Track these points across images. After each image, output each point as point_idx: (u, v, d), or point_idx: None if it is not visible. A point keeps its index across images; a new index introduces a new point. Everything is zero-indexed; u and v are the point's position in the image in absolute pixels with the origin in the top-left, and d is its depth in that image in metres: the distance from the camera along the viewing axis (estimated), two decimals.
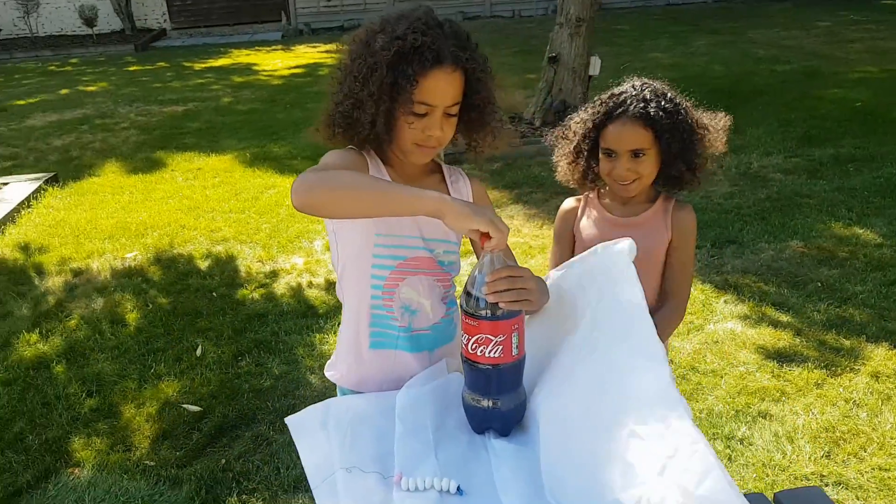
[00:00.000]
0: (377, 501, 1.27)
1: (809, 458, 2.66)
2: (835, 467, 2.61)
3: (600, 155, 1.92)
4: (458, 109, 1.54)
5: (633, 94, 1.87)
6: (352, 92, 1.50)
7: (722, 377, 3.22)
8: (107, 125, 8.84)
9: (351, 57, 1.52)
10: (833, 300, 3.78)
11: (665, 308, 1.94)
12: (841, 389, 3.05)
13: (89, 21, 16.04)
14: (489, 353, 1.35)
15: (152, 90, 10.86)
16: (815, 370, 3.20)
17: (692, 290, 3.97)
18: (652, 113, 1.81)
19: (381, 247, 1.57)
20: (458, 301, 1.40)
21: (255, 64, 12.74)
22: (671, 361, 3.34)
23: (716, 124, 1.95)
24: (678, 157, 1.85)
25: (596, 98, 1.96)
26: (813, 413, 2.92)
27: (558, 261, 1.97)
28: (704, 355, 3.40)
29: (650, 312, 1.93)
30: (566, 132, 2.01)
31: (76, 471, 2.88)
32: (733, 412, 2.97)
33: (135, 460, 2.90)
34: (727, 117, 1.97)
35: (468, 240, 1.52)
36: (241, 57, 13.62)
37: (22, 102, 10.41)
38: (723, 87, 8.50)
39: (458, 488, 1.29)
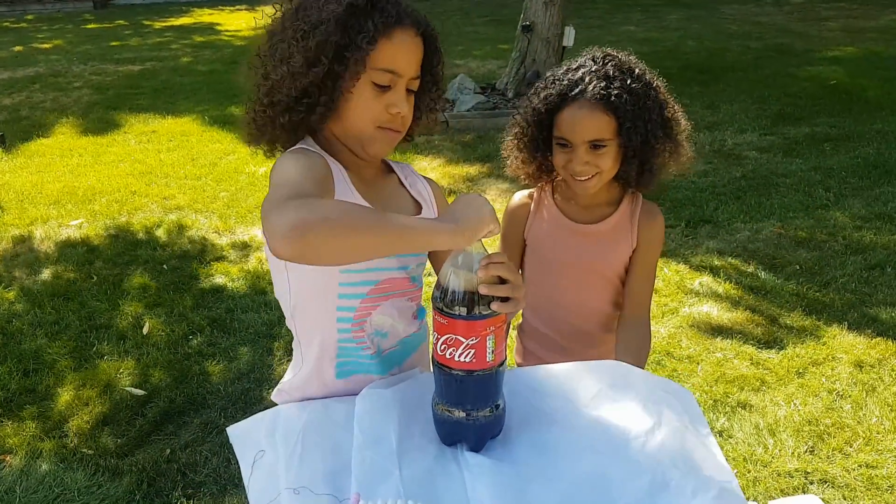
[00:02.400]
0: None
1: (792, 453, 2.53)
2: (819, 463, 2.48)
3: (554, 145, 1.60)
4: (417, 85, 1.30)
5: (593, 69, 1.55)
6: (285, 61, 1.23)
7: (699, 363, 3.09)
8: (59, 84, 8.46)
9: (282, 22, 1.27)
10: (812, 284, 3.66)
11: (633, 336, 1.69)
12: (823, 379, 2.93)
13: None
14: (459, 356, 1.15)
15: (109, 49, 10.44)
16: (795, 358, 3.07)
17: (665, 270, 3.88)
18: (615, 96, 1.50)
19: (350, 273, 1.28)
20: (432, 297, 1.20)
21: (217, 24, 12.34)
22: None
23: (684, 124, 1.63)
24: (636, 155, 1.55)
25: (548, 74, 1.62)
26: (795, 404, 2.79)
27: None
28: (680, 340, 3.26)
29: (607, 327, 1.77)
30: (517, 121, 1.68)
31: (7, 458, 2.65)
32: (711, 402, 2.83)
33: (72, 448, 2.67)
34: (689, 124, 1.65)
35: None
36: (204, 16, 13.20)
37: None
38: (696, 63, 8.39)
39: None
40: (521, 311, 1.42)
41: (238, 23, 12.31)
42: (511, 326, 1.73)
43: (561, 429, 1.27)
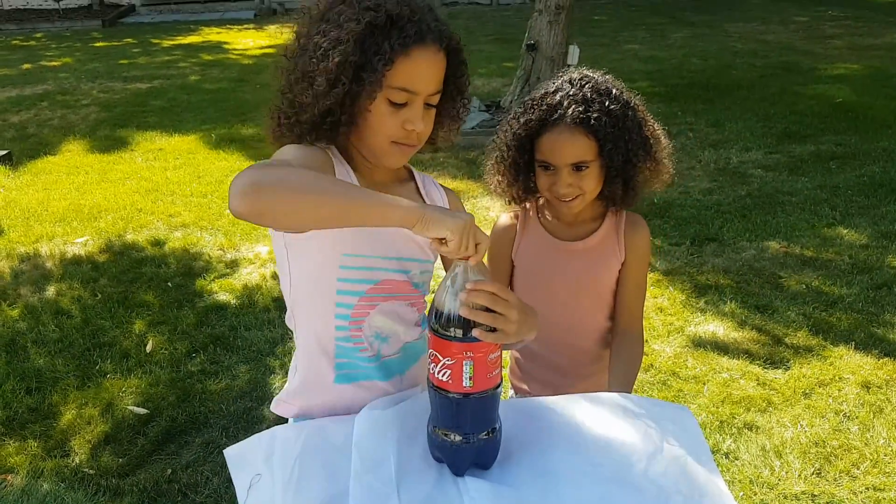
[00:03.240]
0: None
1: (799, 475, 2.50)
2: (826, 486, 2.45)
3: (537, 168, 1.62)
4: (438, 100, 1.31)
5: (571, 93, 1.56)
6: (306, 75, 1.25)
7: (705, 384, 3.06)
8: (67, 102, 8.50)
9: (303, 35, 1.28)
10: (818, 303, 3.64)
11: (626, 348, 1.68)
12: (830, 400, 2.90)
13: None
14: (438, 373, 1.15)
15: (117, 66, 10.49)
16: (801, 378, 3.05)
17: (670, 288, 3.86)
18: (594, 119, 1.52)
19: (349, 269, 1.31)
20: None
21: (225, 42, 12.39)
22: (651, 366, 3.19)
23: (664, 141, 1.65)
24: (618, 175, 1.57)
25: (527, 98, 1.64)
26: (801, 426, 2.76)
27: None
28: (686, 359, 3.24)
29: (605, 342, 1.75)
30: (498, 146, 1.70)
31: (9, 477, 2.64)
32: (718, 423, 2.80)
33: (73, 467, 2.66)
34: (669, 142, 1.67)
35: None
36: (212, 35, 13.25)
37: None
38: (700, 81, 8.38)
39: None
40: None
41: (245, 42, 12.38)
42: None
43: (562, 454, 1.25)
